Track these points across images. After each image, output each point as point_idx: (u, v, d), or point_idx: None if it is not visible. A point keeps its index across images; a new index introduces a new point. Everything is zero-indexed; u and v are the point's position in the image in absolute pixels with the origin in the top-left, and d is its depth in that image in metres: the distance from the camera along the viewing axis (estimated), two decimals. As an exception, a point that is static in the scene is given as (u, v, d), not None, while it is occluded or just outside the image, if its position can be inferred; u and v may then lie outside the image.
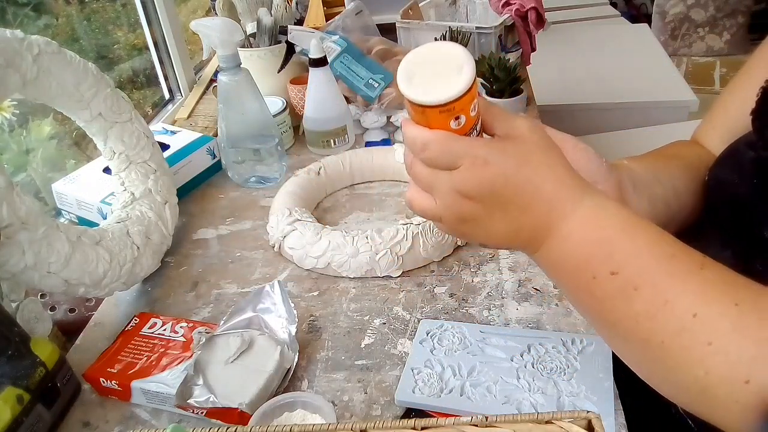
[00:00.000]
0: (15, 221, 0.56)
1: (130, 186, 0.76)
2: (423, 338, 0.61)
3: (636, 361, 0.42)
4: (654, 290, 0.38)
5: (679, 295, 0.37)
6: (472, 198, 0.41)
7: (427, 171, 0.42)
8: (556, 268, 0.43)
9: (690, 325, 0.36)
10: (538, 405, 0.52)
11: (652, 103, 1.70)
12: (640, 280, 0.38)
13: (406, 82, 0.40)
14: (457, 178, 0.40)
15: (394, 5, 1.24)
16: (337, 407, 0.55)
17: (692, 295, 0.37)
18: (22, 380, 0.52)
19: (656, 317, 0.38)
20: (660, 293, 0.38)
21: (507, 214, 0.41)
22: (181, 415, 0.57)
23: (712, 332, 0.36)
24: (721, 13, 2.78)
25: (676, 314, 0.37)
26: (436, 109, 0.39)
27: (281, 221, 0.76)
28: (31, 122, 0.91)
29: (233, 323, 0.61)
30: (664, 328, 0.37)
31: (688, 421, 0.56)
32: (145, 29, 1.19)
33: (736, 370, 0.35)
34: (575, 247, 0.41)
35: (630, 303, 0.38)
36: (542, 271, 0.44)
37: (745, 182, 0.50)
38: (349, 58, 1.03)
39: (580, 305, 0.44)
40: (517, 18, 1.17)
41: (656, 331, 0.38)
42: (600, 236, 0.40)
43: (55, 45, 0.66)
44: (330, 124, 0.97)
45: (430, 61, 0.40)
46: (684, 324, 0.37)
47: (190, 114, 1.15)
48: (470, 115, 0.41)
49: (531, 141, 0.41)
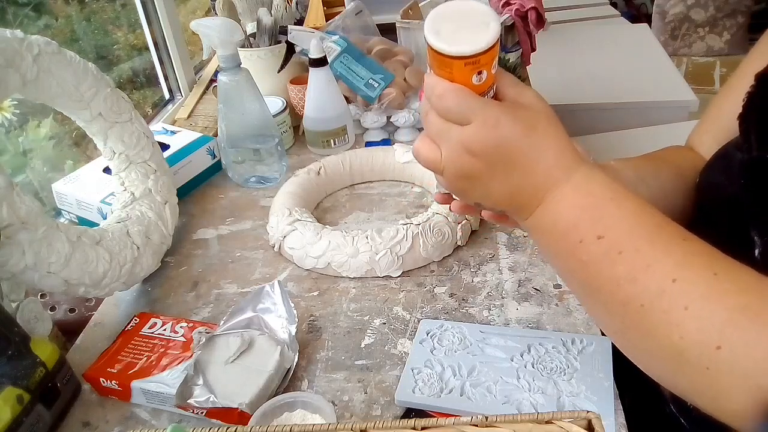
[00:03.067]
0: (15, 221, 0.56)
1: (130, 186, 0.76)
2: (423, 338, 0.61)
3: (615, 329, 0.43)
4: (637, 254, 0.39)
5: (661, 260, 0.39)
6: (476, 155, 0.42)
7: (439, 121, 0.43)
8: (545, 232, 0.44)
9: (669, 289, 0.37)
10: (538, 405, 0.52)
11: (652, 103, 1.70)
12: (625, 244, 0.40)
13: (434, 34, 0.40)
14: (466, 134, 0.41)
15: (394, 5, 1.24)
16: (337, 407, 0.55)
17: (673, 262, 0.38)
18: (22, 380, 0.52)
19: (637, 280, 0.39)
20: (642, 258, 0.39)
21: (508, 177, 0.42)
22: (181, 415, 0.57)
23: (689, 297, 0.37)
24: (721, 13, 2.78)
25: (657, 278, 0.38)
26: (462, 61, 0.40)
27: (281, 221, 0.76)
28: (30, 122, 0.91)
29: (233, 323, 0.61)
30: (644, 291, 0.38)
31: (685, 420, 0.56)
32: (145, 29, 1.19)
33: (708, 334, 0.36)
34: (565, 212, 0.42)
35: (613, 266, 0.40)
36: (530, 237, 0.45)
37: (733, 184, 0.51)
38: (349, 58, 1.03)
39: (565, 271, 0.45)
40: (517, 18, 1.17)
41: (637, 294, 0.39)
42: (589, 202, 0.41)
43: (55, 45, 0.66)
44: (330, 124, 0.97)
45: (458, 15, 0.41)
46: (664, 288, 0.38)
47: (190, 114, 1.15)
48: (491, 72, 0.42)
49: (538, 110, 0.43)
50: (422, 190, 0.88)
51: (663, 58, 1.96)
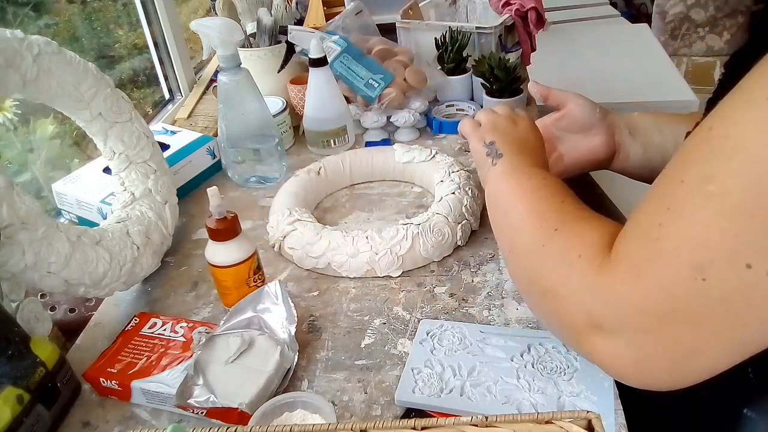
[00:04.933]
0: (15, 221, 0.56)
1: (130, 186, 0.76)
2: (423, 338, 0.61)
3: (518, 276, 0.53)
4: (517, 214, 0.53)
5: (533, 220, 0.51)
6: (508, 122, 0.64)
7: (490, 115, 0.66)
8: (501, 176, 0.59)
9: (552, 236, 0.47)
10: (538, 405, 0.52)
11: (652, 103, 1.70)
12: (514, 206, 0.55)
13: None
14: (512, 114, 0.66)
15: (394, 5, 1.24)
16: (337, 407, 0.55)
17: (540, 221, 0.50)
18: (22, 380, 0.52)
19: (515, 229, 0.52)
20: (520, 216, 0.52)
21: (517, 140, 0.62)
22: (181, 415, 0.57)
23: (545, 241, 0.47)
24: (721, 13, 2.77)
25: (545, 229, 0.48)
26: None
27: (281, 221, 0.76)
28: (34, 121, 0.91)
29: (233, 323, 0.61)
30: (518, 237, 0.50)
31: (685, 420, 0.56)
32: (145, 29, 1.19)
33: (559, 270, 0.45)
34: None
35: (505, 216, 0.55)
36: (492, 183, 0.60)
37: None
38: (349, 58, 1.03)
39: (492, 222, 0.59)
40: (517, 18, 1.17)
41: (514, 238, 0.51)
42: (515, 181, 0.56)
43: (55, 45, 0.66)
44: (330, 124, 0.97)
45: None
46: (550, 236, 0.47)
47: (190, 114, 1.15)
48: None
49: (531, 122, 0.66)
50: (422, 190, 0.88)
51: (663, 58, 1.96)
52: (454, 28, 1.11)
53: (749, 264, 0.33)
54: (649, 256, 0.37)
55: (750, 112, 0.34)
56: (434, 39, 1.13)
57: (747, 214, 0.33)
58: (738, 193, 0.34)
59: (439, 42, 1.12)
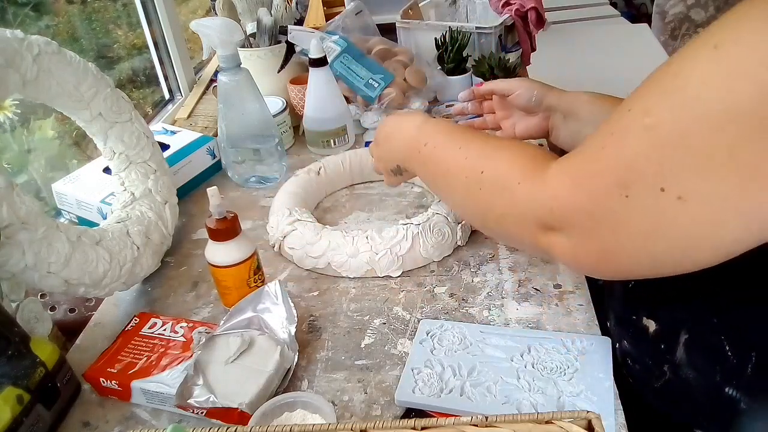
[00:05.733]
0: (15, 221, 0.55)
1: (130, 186, 0.76)
2: (423, 338, 0.61)
3: (472, 219, 0.65)
4: (453, 151, 0.60)
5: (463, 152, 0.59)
6: (377, 141, 0.73)
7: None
8: (420, 160, 0.66)
9: (483, 179, 0.55)
10: (538, 405, 0.52)
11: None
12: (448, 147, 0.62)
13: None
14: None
15: (394, 5, 1.24)
16: (337, 407, 0.55)
17: (466, 150, 0.58)
18: (22, 380, 0.52)
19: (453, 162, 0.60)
20: (455, 152, 0.60)
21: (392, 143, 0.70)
22: (181, 415, 0.57)
23: (500, 178, 0.53)
24: (721, 13, 2.77)
25: (475, 174, 0.56)
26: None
27: (281, 221, 0.76)
28: (34, 122, 0.91)
29: (233, 323, 0.61)
30: (473, 183, 0.56)
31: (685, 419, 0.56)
32: (145, 29, 1.19)
33: (508, 175, 0.53)
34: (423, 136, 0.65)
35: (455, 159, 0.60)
36: (415, 169, 0.68)
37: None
38: (349, 58, 1.03)
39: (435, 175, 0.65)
40: (517, 18, 1.17)
41: (471, 184, 0.56)
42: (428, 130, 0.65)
43: (55, 45, 0.66)
44: (330, 124, 0.97)
45: None
46: (481, 178, 0.55)
47: (190, 114, 1.15)
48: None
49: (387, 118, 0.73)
50: (422, 190, 0.88)
51: (663, 58, 1.95)
52: (454, 28, 1.11)
53: (663, 188, 0.38)
54: (588, 173, 0.44)
55: (698, 56, 0.38)
56: (434, 39, 1.13)
57: (671, 146, 0.38)
58: (668, 127, 0.38)
59: (439, 42, 1.12)
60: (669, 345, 0.54)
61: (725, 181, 0.36)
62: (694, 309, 0.52)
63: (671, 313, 0.54)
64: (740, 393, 0.49)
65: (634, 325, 0.57)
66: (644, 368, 0.56)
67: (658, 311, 0.55)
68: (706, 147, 0.36)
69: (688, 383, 0.53)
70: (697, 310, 0.52)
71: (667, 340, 0.54)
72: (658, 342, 0.55)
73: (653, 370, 0.55)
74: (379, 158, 0.74)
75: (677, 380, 0.53)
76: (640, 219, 0.41)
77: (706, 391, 0.52)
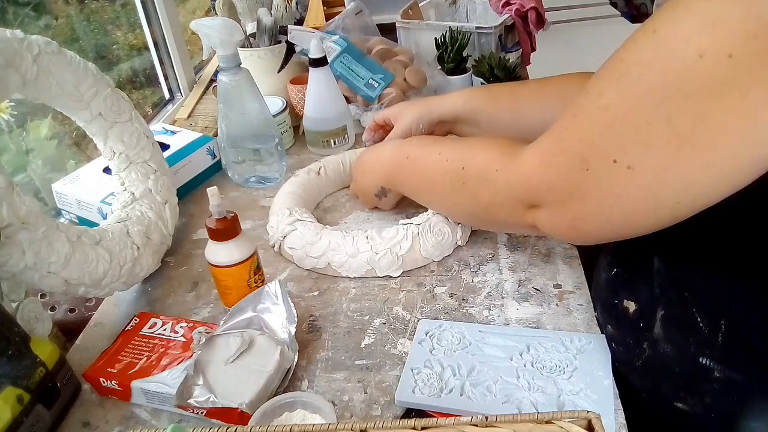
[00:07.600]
0: (15, 221, 0.56)
1: (130, 186, 0.76)
2: (422, 338, 0.61)
3: (460, 216, 0.71)
4: (432, 155, 0.68)
5: (444, 155, 0.66)
6: (357, 173, 0.81)
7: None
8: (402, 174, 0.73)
9: (464, 174, 0.62)
10: (538, 404, 0.52)
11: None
12: (425, 155, 0.70)
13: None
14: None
15: (394, 5, 1.24)
16: (337, 407, 0.55)
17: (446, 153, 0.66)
18: (22, 380, 0.52)
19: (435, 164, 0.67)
20: (434, 157, 0.67)
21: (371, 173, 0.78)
22: (181, 415, 0.57)
23: (479, 170, 0.60)
24: (721, 13, 2.77)
25: (455, 172, 0.63)
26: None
27: (281, 221, 0.76)
28: (30, 122, 0.91)
29: (233, 323, 0.61)
30: (456, 181, 0.63)
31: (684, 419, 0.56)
32: (145, 29, 1.19)
33: (488, 163, 0.59)
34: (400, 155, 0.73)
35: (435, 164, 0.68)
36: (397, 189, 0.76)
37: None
38: (349, 58, 1.03)
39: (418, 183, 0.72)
40: (517, 18, 1.17)
41: (454, 183, 0.63)
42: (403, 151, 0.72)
43: (55, 45, 0.66)
44: (330, 124, 0.97)
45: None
46: (462, 175, 0.62)
47: (190, 114, 1.15)
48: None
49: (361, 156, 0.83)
50: (422, 190, 0.88)
51: (663, 58, 1.96)
52: (454, 28, 1.11)
53: (615, 160, 0.44)
54: (555, 152, 0.50)
55: (640, 41, 0.42)
56: (434, 39, 1.13)
57: (619, 123, 0.43)
58: (617, 106, 0.43)
59: (439, 42, 1.12)
60: (647, 322, 0.55)
61: (664, 150, 0.41)
62: (669, 284, 0.54)
63: (650, 290, 0.55)
64: (713, 362, 0.50)
65: (617, 308, 0.58)
66: (626, 349, 0.57)
67: (637, 291, 0.56)
68: (647, 122, 0.41)
69: (666, 356, 0.54)
70: (672, 285, 0.53)
71: (646, 318, 0.55)
72: (637, 321, 0.56)
73: (634, 349, 0.56)
74: (361, 191, 0.80)
75: (656, 355, 0.54)
76: (598, 188, 0.47)
77: (682, 363, 0.52)
